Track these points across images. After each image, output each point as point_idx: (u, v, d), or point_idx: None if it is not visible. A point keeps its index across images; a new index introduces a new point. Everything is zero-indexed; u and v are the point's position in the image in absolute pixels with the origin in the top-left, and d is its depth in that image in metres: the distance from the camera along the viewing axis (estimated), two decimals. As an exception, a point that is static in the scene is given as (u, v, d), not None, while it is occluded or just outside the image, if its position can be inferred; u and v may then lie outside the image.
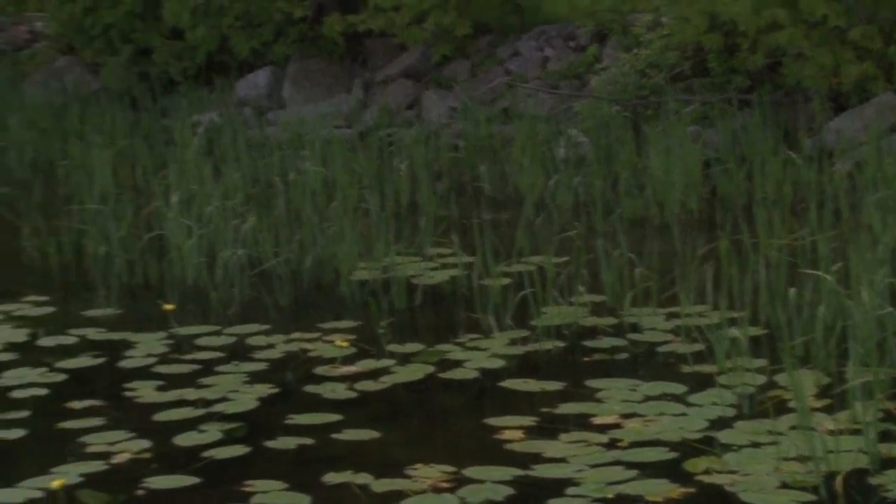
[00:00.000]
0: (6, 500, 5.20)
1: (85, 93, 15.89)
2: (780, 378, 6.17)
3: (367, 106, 14.26)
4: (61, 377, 6.89)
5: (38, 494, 5.20)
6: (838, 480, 4.86)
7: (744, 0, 11.17)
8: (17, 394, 6.62)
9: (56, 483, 5.30)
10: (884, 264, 7.20)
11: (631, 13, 13.38)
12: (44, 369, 7.02)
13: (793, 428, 5.42)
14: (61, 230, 10.00)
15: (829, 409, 5.70)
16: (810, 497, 4.79)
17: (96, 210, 10.29)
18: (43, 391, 6.68)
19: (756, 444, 5.39)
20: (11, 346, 7.47)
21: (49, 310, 8.33)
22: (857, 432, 5.30)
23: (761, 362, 6.41)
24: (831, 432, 5.26)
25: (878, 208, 8.88)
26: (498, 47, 14.39)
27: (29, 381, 6.85)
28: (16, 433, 6.03)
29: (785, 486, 4.93)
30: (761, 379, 6.21)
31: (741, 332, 6.53)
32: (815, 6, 10.88)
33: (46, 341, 7.57)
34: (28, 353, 7.37)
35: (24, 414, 6.31)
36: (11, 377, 6.89)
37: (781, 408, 5.77)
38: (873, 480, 4.92)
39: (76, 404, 6.37)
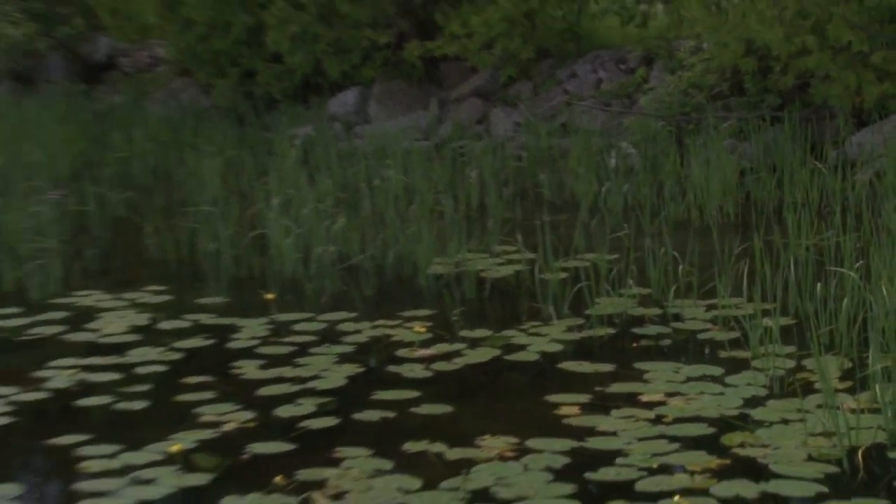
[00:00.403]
0: (132, 462, 5.26)
1: (198, 110, 16.17)
2: (808, 363, 6.17)
3: (441, 121, 14.29)
4: (178, 356, 6.97)
5: (159, 457, 5.28)
6: (859, 454, 4.86)
7: (777, 28, 11.06)
8: (140, 370, 6.70)
9: (174, 448, 5.41)
10: None
11: (675, 39, 13.32)
12: (163, 349, 7.09)
13: (819, 407, 5.42)
14: (178, 229, 10.10)
15: (851, 391, 5.68)
16: (834, 469, 4.79)
17: (207, 212, 10.33)
18: (162, 368, 6.76)
19: (785, 421, 5.39)
20: (135, 329, 7.56)
21: (167, 298, 8.39)
22: (876, 411, 5.28)
23: (790, 349, 6.39)
24: (853, 411, 5.23)
25: (894, 215, 8.91)
26: (557, 70, 14.40)
27: (150, 359, 6.92)
28: (139, 404, 6.12)
29: (811, 458, 4.91)
30: (790, 363, 6.19)
31: (773, 322, 6.50)
32: (841, 33, 10.81)
33: (165, 325, 7.65)
34: (149, 335, 7.43)
35: (146, 387, 6.41)
36: (135, 356, 6.95)
37: (808, 389, 5.76)
38: (891, 454, 4.91)
39: (191, 380, 6.46)
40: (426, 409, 5.88)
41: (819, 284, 6.93)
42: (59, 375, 6.74)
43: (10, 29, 17.24)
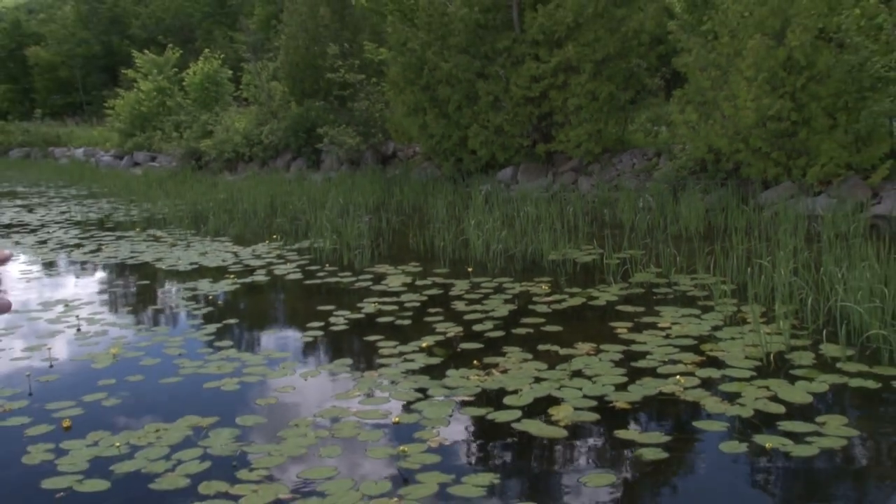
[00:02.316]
0: (403, 350, 5.90)
1: (435, 177, 16.54)
2: (744, 308, 6.54)
3: (554, 183, 14.59)
4: (425, 298, 7.55)
5: (416, 348, 5.92)
6: (772, 356, 5.32)
7: (724, 139, 11.52)
8: (406, 304, 7.33)
9: (424, 344, 6.02)
10: (788, 259, 7.33)
11: (672, 143, 13.38)
12: (418, 294, 7.69)
13: (751, 331, 5.86)
14: (425, 235, 10.57)
15: (766, 323, 6.06)
16: (759, 363, 5.22)
17: (439, 227, 10.87)
18: (417, 304, 7.33)
19: (733, 338, 5.79)
20: (405, 284, 8.16)
21: (420, 269, 8.92)
22: (779, 334, 5.69)
23: (735, 301, 6.80)
24: (768, 334, 5.68)
25: (783, 233, 8.88)
26: (613, 157, 14.45)
27: (412, 299, 7.50)
28: (406, 322, 6.77)
29: (747, 357, 5.34)
30: (735, 308, 6.57)
31: (726, 287, 6.97)
32: (755, 142, 11.20)
33: (419, 282, 8.23)
34: (411, 287, 8.00)
35: (410, 313, 7.02)
36: (405, 298, 7.54)
37: (744, 321, 6.19)
38: (787, 356, 5.35)
39: (431, 310, 7.06)
40: (548, 328, 6.33)
41: (749, 268, 7.37)
42: (368, 306, 7.32)
43: (349, 140, 18.34)
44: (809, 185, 11.30)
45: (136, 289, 8.97)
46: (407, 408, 4.87)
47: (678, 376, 5.09)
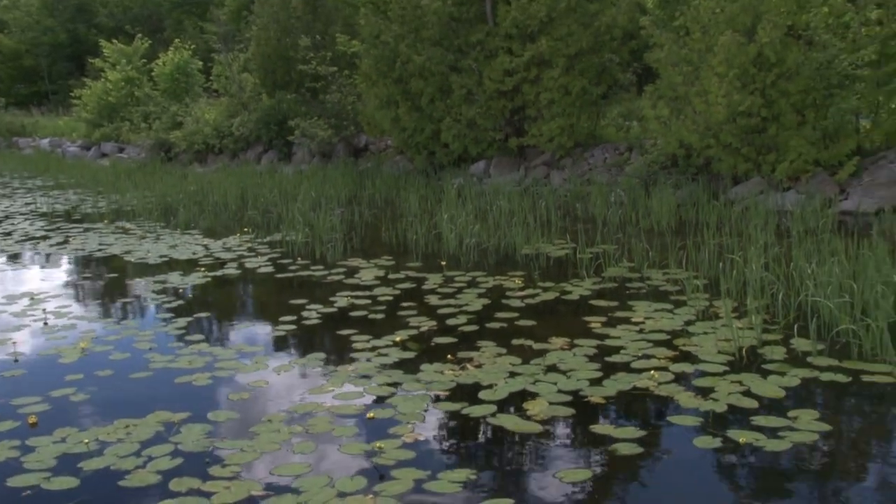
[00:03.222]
0: (377, 344, 5.86)
1: (407, 171, 16.41)
2: (716, 302, 6.56)
3: (526, 177, 14.57)
4: (398, 292, 7.49)
5: (390, 343, 5.89)
6: (743, 351, 5.36)
7: (695, 135, 11.55)
8: (380, 298, 7.27)
9: (398, 338, 6.00)
10: (759, 254, 7.33)
11: (644, 138, 13.46)
12: (390, 288, 7.62)
13: (723, 325, 5.87)
14: (398, 229, 10.58)
15: (739, 317, 6.09)
16: (731, 357, 5.25)
17: (411, 220, 10.79)
18: (391, 297, 7.27)
19: (706, 333, 5.81)
20: (377, 278, 8.10)
21: (392, 262, 8.87)
22: (751, 328, 5.73)
23: (707, 295, 6.83)
24: (740, 328, 5.75)
25: (754, 228, 8.98)
26: (585, 152, 14.42)
27: (384, 293, 7.45)
28: (380, 316, 6.73)
29: (720, 352, 5.37)
30: (707, 303, 6.60)
31: (698, 282, 7.02)
32: (726, 137, 11.27)
33: (391, 276, 8.15)
34: (384, 281, 7.96)
35: (383, 307, 6.97)
36: (378, 292, 7.49)
37: (717, 316, 6.23)
38: (759, 351, 5.37)
39: (405, 304, 7.01)
40: (522, 322, 6.31)
41: (720, 263, 7.38)
42: (341, 300, 7.26)
43: (321, 133, 18.21)
44: (779, 180, 11.39)
45: (105, 282, 8.85)
46: (381, 403, 4.84)
47: (652, 371, 5.11)
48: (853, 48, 11.24)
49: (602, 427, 4.37)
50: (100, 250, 10.47)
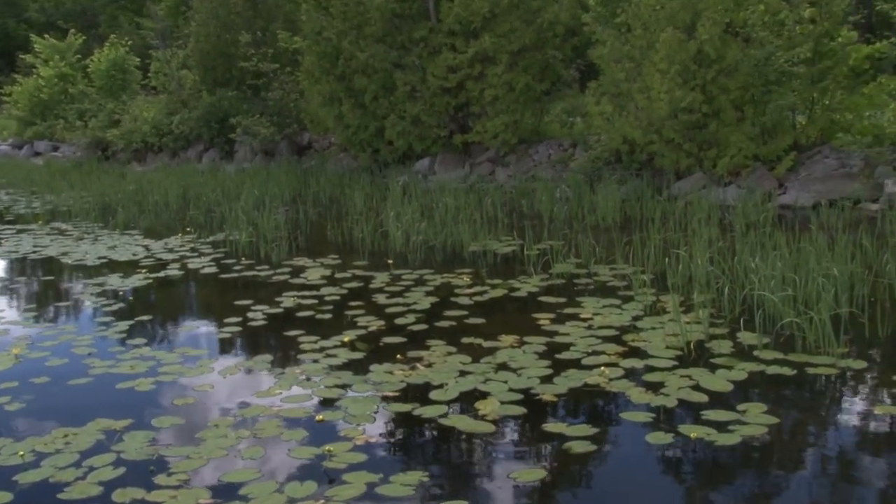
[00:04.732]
0: (325, 345, 5.74)
1: (351, 168, 16.29)
2: (664, 297, 6.59)
3: (471, 174, 14.63)
4: (345, 291, 7.42)
5: (339, 343, 5.80)
6: (691, 345, 5.38)
7: (638, 131, 11.72)
8: (327, 298, 7.19)
9: (346, 338, 5.91)
10: (706, 249, 7.36)
11: (588, 134, 13.59)
12: (337, 287, 7.54)
13: (670, 320, 5.91)
14: (343, 227, 10.51)
15: (686, 312, 6.11)
16: (679, 352, 5.28)
17: (357, 218, 10.72)
18: (338, 297, 7.19)
19: (654, 328, 5.85)
20: (324, 277, 8.02)
21: (339, 261, 8.78)
22: (698, 323, 5.75)
23: (653, 290, 6.84)
24: (687, 323, 5.72)
25: (697, 223, 9.06)
26: (530, 148, 14.51)
27: (330, 293, 7.37)
28: (327, 316, 6.64)
29: (668, 347, 5.39)
30: (654, 298, 6.62)
31: (644, 277, 7.03)
32: (668, 133, 11.45)
33: (338, 275, 8.08)
34: (330, 280, 7.87)
35: (330, 307, 6.89)
36: (325, 291, 7.41)
37: (664, 311, 6.26)
38: (706, 345, 5.41)
39: (352, 303, 6.93)
40: (471, 320, 6.28)
41: (666, 258, 7.42)
42: (287, 300, 7.16)
43: (263, 130, 18.04)
44: (719, 175, 11.58)
45: (41, 285, 8.61)
46: (330, 405, 4.76)
47: (602, 367, 5.11)
48: (789, 45, 11.48)
49: (554, 425, 4.34)
50: (34, 252, 10.17)
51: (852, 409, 4.56)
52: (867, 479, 3.75)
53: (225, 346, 6.14)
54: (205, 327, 6.82)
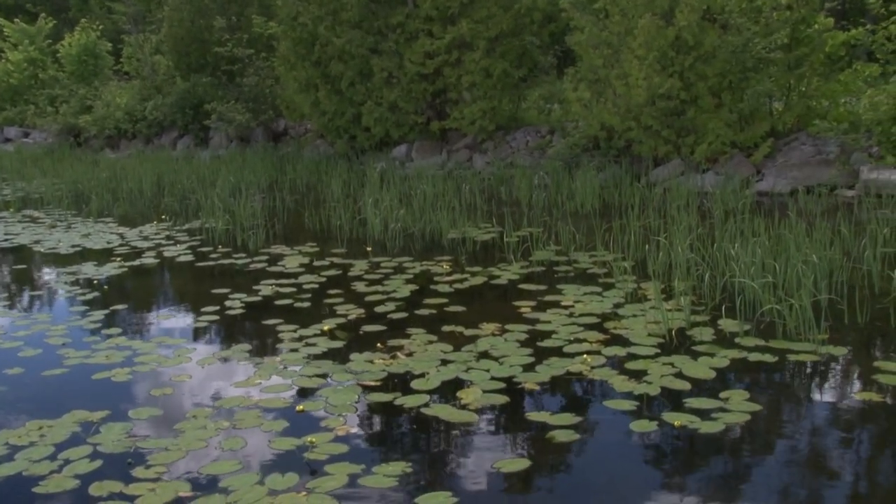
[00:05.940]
0: (304, 333, 5.74)
1: (328, 155, 16.30)
2: (644, 285, 6.59)
3: (449, 161, 14.64)
4: (323, 279, 7.39)
5: (318, 332, 5.77)
6: (673, 333, 5.39)
7: (616, 117, 11.72)
8: (305, 286, 7.15)
9: (325, 327, 5.88)
10: (685, 236, 7.42)
11: (565, 120, 13.64)
12: (316, 276, 7.53)
13: (652, 308, 5.91)
14: (321, 214, 10.44)
15: (667, 299, 6.10)
16: (661, 340, 5.28)
17: (335, 206, 10.74)
18: (316, 285, 7.17)
19: (635, 315, 5.84)
20: (302, 265, 8.00)
21: (316, 249, 8.73)
22: (679, 310, 5.75)
23: (634, 278, 6.84)
24: (669, 310, 5.72)
25: (676, 209, 9.12)
26: (507, 135, 14.56)
27: (310, 280, 7.37)
28: (305, 304, 6.61)
29: (650, 335, 5.39)
30: (635, 285, 6.62)
31: (625, 264, 7.04)
32: (646, 120, 11.46)
33: (316, 263, 8.06)
34: (309, 268, 7.87)
35: (308, 295, 6.86)
36: (303, 279, 7.39)
37: (645, 298, 6.26)
38: (688, 332, 5.41)
39: (331, 291, 6.91)
40: (451, 308, 6.26)
41: (646, 245, 7.46)
42: (265, 288, 7.14)
43: (238, 117, 17.93)
44: (697, 162, 11.61)
45: (12, 274, 8.46)
46: (311, 395, 4.70)
47: (584, 355, 5.09)
48: (766, 32, 11.50)
49: (537, 414, 4.31)
50: (6, 241, 10.03)
51: (833, 396, 4.57)
52: (848, 464, 3.76)
53: (202, 336, 6.06)
54: (181, 316, 6.72)
